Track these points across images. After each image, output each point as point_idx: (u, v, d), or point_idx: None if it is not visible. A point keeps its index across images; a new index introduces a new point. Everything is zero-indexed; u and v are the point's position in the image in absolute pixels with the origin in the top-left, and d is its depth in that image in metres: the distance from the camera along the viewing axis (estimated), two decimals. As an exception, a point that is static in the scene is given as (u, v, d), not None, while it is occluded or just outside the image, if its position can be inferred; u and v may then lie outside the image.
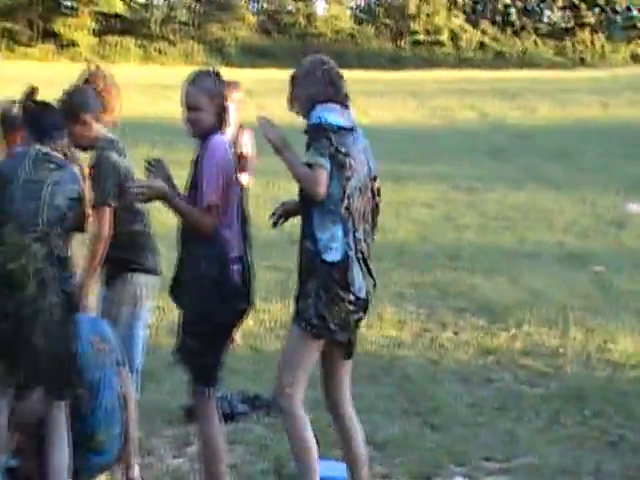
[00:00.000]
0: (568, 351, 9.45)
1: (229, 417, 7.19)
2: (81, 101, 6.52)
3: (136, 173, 6.58)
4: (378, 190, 6.01)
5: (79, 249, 6.52)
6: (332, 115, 5.81)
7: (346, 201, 5.76)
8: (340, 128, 5.76)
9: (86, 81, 6.74)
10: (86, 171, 6.20)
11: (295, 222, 6.15)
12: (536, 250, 13.77)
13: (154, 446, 6.89)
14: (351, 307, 5.65)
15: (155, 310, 8.68)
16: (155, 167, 6.03)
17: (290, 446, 5.78)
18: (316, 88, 5.88)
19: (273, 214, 5.98)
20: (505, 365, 9.10)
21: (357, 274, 5.71)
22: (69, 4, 51.01)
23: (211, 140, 5.73)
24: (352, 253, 5.73)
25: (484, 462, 6.77)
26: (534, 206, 16.63)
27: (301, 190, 5.72)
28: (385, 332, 9.96)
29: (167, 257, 6.55)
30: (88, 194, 6.19)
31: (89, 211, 6.16)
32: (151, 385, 7.53)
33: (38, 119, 5.98)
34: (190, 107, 5.79)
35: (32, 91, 6.15)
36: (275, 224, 6.01)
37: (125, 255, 6.57)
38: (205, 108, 5.84)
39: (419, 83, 34.65)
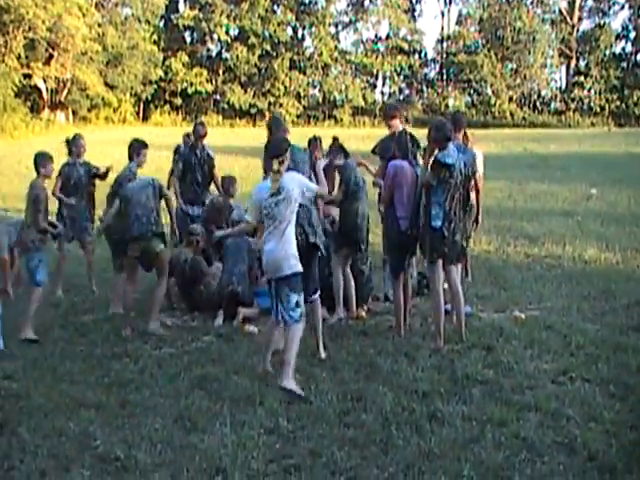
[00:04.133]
0: (565, 255, 11.29)
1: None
2: None
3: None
4: (471, 180, 6.93)
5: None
6: (445, 158, 6.74)
7: (448, 198, 6.76)
8: (448, 164, 6.71)
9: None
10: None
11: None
12: (550, 210, 15.81)
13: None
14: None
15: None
16: None
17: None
18: (441, 134, 6.82)
19: None
20: (536, 261, 10.95)
21: (449, 228, 6.81)
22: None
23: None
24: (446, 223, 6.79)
25: (528, 305, 8.36)
26: (549, 191, 18.83)
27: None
28: (482, 247, 11.80)
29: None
30: None
31: None
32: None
33: None
34: None
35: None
36: None
37: None
38: None
39: (496, 135, 37.12)
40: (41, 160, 7.52)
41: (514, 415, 5.28)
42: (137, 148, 7.99)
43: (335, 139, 8.03)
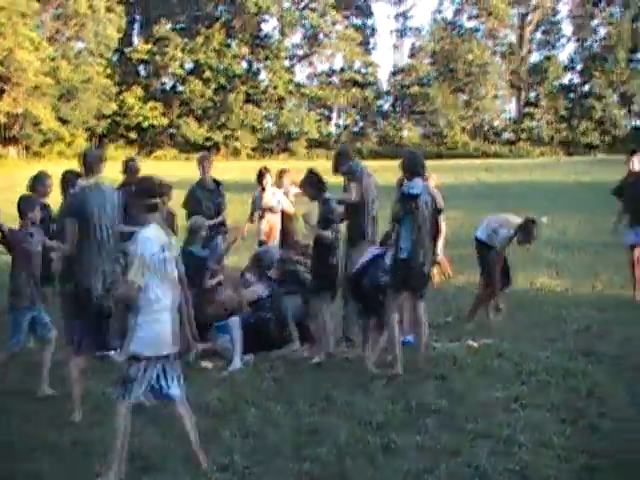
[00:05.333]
0: (516, 283, 10.69)
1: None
2: None
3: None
4: (438, 213, 7.30)
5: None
6: (410, 189, 6.88)
7: (415, 229, 6.86)
8: (414, 195, 6.83)
9: None
10: None
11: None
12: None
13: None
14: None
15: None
16: None
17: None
18: (411, 165, 7.03)
19: None
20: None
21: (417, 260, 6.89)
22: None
23: None
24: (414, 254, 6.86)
25: (481, 333, 8.37)
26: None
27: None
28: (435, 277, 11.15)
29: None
30: None
31: None
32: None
33: None
34: None
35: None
36: None
37: None
38: None
39: (452, 166, 36.38)
40: (27, 204, 6.44)
41: (467, 444, 5.36)
42: (71, 180, 7.38)
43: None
